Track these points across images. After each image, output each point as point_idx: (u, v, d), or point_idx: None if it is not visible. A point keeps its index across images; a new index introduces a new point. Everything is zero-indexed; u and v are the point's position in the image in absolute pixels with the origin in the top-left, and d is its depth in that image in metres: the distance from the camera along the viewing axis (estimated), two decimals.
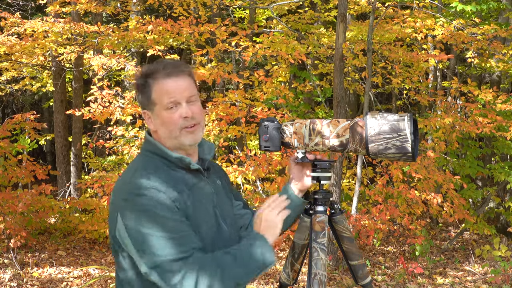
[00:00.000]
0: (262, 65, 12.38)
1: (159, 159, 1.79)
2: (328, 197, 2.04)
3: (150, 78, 1.80)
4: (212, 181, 1.88)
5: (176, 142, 1.79)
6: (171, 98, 1.77)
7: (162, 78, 1.78)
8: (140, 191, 1.66)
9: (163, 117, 1.78)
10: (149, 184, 1.68)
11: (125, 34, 7.23)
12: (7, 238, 6.57)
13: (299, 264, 2.10)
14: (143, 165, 1.77)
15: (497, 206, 8.61)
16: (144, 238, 1.63)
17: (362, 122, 1.87)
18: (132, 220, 1.65)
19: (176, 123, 1.77)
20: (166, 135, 1.79)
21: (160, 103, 1.78)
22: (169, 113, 1.77)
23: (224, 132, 6.57)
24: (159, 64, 1.82)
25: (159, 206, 1.65)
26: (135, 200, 1.66)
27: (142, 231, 1.63)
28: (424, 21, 7.42)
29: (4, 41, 7.20)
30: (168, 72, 1.79)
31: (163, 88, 1.78)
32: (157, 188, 1.67)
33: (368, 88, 6.83)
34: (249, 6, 8.71)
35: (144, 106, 1.84)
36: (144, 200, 1.65)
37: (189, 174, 1.80)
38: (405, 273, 6.36)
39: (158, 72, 1.80)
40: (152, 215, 1.64)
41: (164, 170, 1.75)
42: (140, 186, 1.68)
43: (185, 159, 1.78)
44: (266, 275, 6.39)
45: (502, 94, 7.09)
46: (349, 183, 8.63)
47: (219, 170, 2.01)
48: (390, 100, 12.14)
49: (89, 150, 10.57)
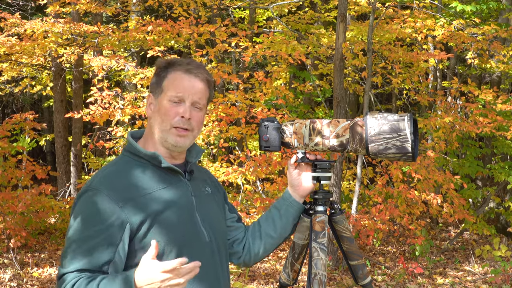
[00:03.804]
0: (262, 65, 12.39)
1: (136, 159, 1.77)
2: (328, 197, 2.04)
3: (171, 67, 1.79)
4: (196, 185, 1.84)
5: (162, 137, 1.77)
6: (179, 92, 1.76)
7: (181, 71, 1.77)
8: (86, 189, 1.70)
9: (162, 106, 1.76)
10: (98, 184, 1.68)
11: (125, 34, 7.23)
12: (7, 238, 6.57)
13: (299, 264, 2.10)
14: (110, 165, 1.78)
15: (497, 206, 8.62)
16: (66, 235, 1.70)
17: (362, 122, 1.87)
18: (71, 216, 1.72)
19: (171, 117, 1.75)
20: (157, 123, 1.77)
21: (167, 92, 1.76)
22: (169, 105, 1.75)
23: (224, 132, 6.56)
24: (185, 60, 1.82)
25: (92, 209, 1.65)
26: (80, 198, 1.70)
27: (67, 229, 1.69)
28: (424, 22, 7.42)
29: (4, 41, 7.20)
30: (189, 68, 1.78)
31: (176, 80, 1.77)
32: (102, 189, 1.67)
33: (368, 88, 6.83)
34: (249, 7, 8.71)
35: (152, 89, 1.82)
36: (83, 199, 1.68)
37: (166, 173, 1.76)
38: (405, 273, 6.36)
39: (181, 64, 1.79)
40: (80, 219, 1.66)
41: (128, 171, 1.73)
42: (90, 185, 1.70)
43: (157, 156, 1.75)
44: (266, 275, 6.40)
45: (502, 94, 7.10)
46: (349, 184, 8.63)
47: (211, 180, 1.97)
48: (390, 100, 12.14)
49: (89, 151, 10.57)
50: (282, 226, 2.01)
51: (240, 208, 6.59)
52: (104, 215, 1.64)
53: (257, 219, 2.07)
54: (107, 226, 1.63)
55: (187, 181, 1.81)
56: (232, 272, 6.36)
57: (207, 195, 1.87)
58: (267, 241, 2.01)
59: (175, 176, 1.78)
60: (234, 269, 6.47)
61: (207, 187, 1.90)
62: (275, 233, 2.01)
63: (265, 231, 2.01)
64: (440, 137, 7.01)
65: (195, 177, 1.86)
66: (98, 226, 1.64)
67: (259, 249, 2.01)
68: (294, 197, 2.02)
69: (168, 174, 1.77)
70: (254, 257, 2.02)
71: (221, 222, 1.92)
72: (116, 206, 1.65)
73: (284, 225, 2.01)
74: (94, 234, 1.63)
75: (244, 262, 2.03)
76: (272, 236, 2.01)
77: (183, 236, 1.73)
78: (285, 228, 2.02)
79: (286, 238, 2.05)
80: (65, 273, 1.62)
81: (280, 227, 2.01)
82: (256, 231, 2.03)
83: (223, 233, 1.91)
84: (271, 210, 2.05)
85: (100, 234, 1.63)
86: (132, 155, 1.78)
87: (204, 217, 1.80)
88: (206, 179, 1.93)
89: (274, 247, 2.04)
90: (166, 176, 1.76)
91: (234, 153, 7.66)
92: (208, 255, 1.78)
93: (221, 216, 1.93)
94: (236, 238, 2.00)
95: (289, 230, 2.03)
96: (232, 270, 6.40)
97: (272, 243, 2.02)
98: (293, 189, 2.03)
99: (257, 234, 2.02)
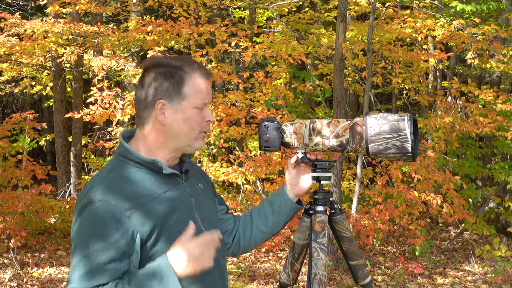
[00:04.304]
0: (262, 65, 12.39)
1: (132, 164, 1.71)
2: (328, 197, 2.04)
3: (183, 71, 1.71)
4: (191, 184, 1.82)
5: (188, 144, 1.74)
6: (205, 99, 1.73)
7: (197, 75, 1.73)
8: (89, 201, 1.63)
9: (189, 114, 1.71)
10: (101, 196, 1.62)
11: (125, 34, 7.23)
12: (7, 238, 6.57)
13: (299, 264, 2.10)
14: (107, 172, 1.72)
15: (497, 206, 8.61)
16: (73, 253, 1.63)
17: (362, 122, 1.87)
18: (74, 231, 1.65)
19: (200, 124, 1.73)
20: (185, 132, 1.71)
21: (192, 100, 1.71)
22: (196, 113, 1.72)
23: (224, 132, 6.57)
24: (189, 61, 1.75)
25: (99, 222, 1.60)
26: (82, 210, 1.64)
27: (74, 247, 1.63)
28: (424, 22, 7.41)
29: (4, 41, 7.20)
30: (203, 72, 1.74)
31: (199, 85, 1.72)
32: (107, 200, 1.61)
33: (368, 88, 6.83)
34: (249, 7, 8.71)
35: (164, 95, 1.70)
36: (88, 213, 1.62)
37: (165, 177, 1.73)
38: (405, 273, 6.36)
39: (192, 67, 1.73)
40: (86, 234, 1.61)
41: (128, 177, 1.69)
42: (92, 197, 1.63)
43: (157, 162, 1.70)
44: (266, 275, 6.40)
45: (502, 94, 7.10)
46: (349, 184, 8.63)
47: (200, 173, 1.95)
48: (390, 100, 12.14)
49: (89, 151, 10.57)
50: (274, 222, 2.02)
51: (240, 208, 6.59)
52: (113, 227, 1.60)
53: (249, 211, 2.07)
54: (117, 238, 1.59)
55: (184, 181, 1.79)
56: (232, 272, 6.36)
57: (201, 192, 1.86)
58: (257, 235, 2.02)
59: (173, 178, 1.76)
60: (234, 269, 6.47)
61: (200, 183, 1.88)
62: (266, 228, 2.02)
63: (256, 225, 2.02)
64: (440, 137, 7.01)
65: (190, 176, 1.84)
66: (108, 239, 1.59)
67: (249, 241, 2.02)
68: (289, 195, 2.03)
69: (167, 177, 1.74)
70: (242, 249, 2.03)
71: (216, 218, 1.93)
72: (123, 216, 1.61)
73: (275, 221, 2.02)
74: (105, 248, 1.58)
75: (233, 253, 2.04)
76: (262, 231, 2.02)
77: None
78: (277, 224, 2.03)
79: (277, 233, 2.06)
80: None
81: (272, 223, 2.02)
82: (247, 223, 2.03)
83: (219, 229, 1.89)
84: (264, 205, 2.05)
85: (112, 247, 1.59)
86: (127, 160, 1.72)
87: (203, 217, 1.80)
88: (197, 175, 1.91)
89: (263, 241, 2.06)
90: (165, 180, 1.73)
91: (234, 153, 7.66)
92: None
93: (214, 211, 1.93)
94: (226, 229, 2.00)
95: (281, 226, 2.04)
96: (232, 270, 6.40)
97: (262, 237, 2.04)
98: (289, 187, 2.04)
99: (248, 226, 2.02)
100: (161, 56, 1.82)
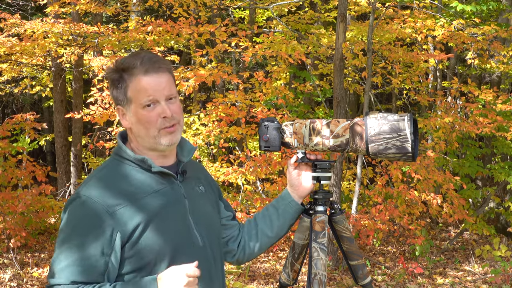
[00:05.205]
0: (262, 65, 12.38)
1: (126, 162, 1.72)
2: (328, 197, 2.04)
3: (126, 73, 1.68)
4: (188, 185, 1.79)
5: (153, 142, 1.71)
6: (150, 96, 1.66)
7: (140, 74, 1.67)
8: (76, 196, 1.65)
9: (140, 116, 1.68)
10: (88, 192, 1.64)
11: (125, 35, 7.22)
12: (7, 238, 6.58)
13: (299, 264, 2.10)
14: (100, 169, 1.74)
15: (497, 206, 8.61)
16: (56, 246, 1.64)
17: (362, 122, 1.87)
18: (61, 224, 1.67)
19: (155, 122, 1.68)
20: (143, 133, 1.70)
21: (137, 101, 1.67)
22: (146, 112, 1.67)
23: (224, 132, 6.56)
24: (136, 58, 1.69)
25: (81, 218, 1.62)
26: (69, 205, 1.66)
27: (57, 240, 1.64)
28: (424, 22, 7.42)
29: (4, 41, 7.20)
30: (146, 68, 1.66)
31: (141, 85, 1.66)
32: (92, 196, 1.63)
33: (368, 88, 6.83)
34: (249, 7, 8.71)
35: (118, 102, 1.72)
36: (73, 207, 1.64)
37: (157, 177, 1.72)
38: (405, 273, 6.36)
39: (135, 67, 1.67)
40: (69, 229, 1.63)
41: (118, 175, 1.69)
42: (79, 192, 1.66)
43: (147, 160, 1.70)
44: (266, 275, 6.40)
45: (502, 94, 7.10)
46: (349, 184, 8.63)
47: (205, 177, 1.92)
48: (390, 100, 12.14)
49: (89, 152, 10.57)
50: (279, 226, 1.99)
51: (240, 208, 6.59)
52: (94, 223, 1.60)
53: (253, 217, 2.05)
54: (96, 235, 1.60)
55: (179, 182, 1.77)
56: (232, 272, 6.36)
57: (200, 194, 1.83)
58: (263, 240, 1.99)
59: (167, 178, 1.74)
60: (234, 269, 6.47)
61: (201, 186, 1.85)
62: (271, 233, 1.99)
63: (261, 230, 1.99)
64: (440, 137, 7.01)
65: (188, 177, 1.81)
66: (89, 236, 1.60)
67: (254, 247, 1.99)
68: (293, 197, 2.01)
69: (160, 177, 1.73)
70: (248, 255, 2.00)
71: (215, 223, 1.88)
72: (106, 214, 1.61)
73: (281, 225, 1.99)
74: (85, 243, 1.60)
75: (238, 260, 2.00)
76: (268, 236, 1.99)
77: (176, 242, 1.69)
78: (282, 228, 2.00)
79: (282, 237, 2.04)
80: (58, 284, 1.60)
81: (277, 227, 1.99)
82: (252, 229, 2.00)
83: (217, 235, 1.87)
84: (269, 209, 2.02)
85: (91, 243, 1.60)
86: (122, 158, 1.73)
87: (197, 220, 1.76)
88: (200, 177, 1.88)
89: (269, 246, 2.03)
90: (157, 179, 1.72)
91: (234, 153, 7.66)
92: (202, 261, 1.70)
93: (215, 216, 1.89)
94: (231, 236, 1.97)
95: (286, 229, 2.01)
96: (232, 270, 6.40)
97: (268, 242, 2.01)
98: (292, 189, 2.01)
99: (253, 232, 1.99)
100: (117, 58, 1.82)
